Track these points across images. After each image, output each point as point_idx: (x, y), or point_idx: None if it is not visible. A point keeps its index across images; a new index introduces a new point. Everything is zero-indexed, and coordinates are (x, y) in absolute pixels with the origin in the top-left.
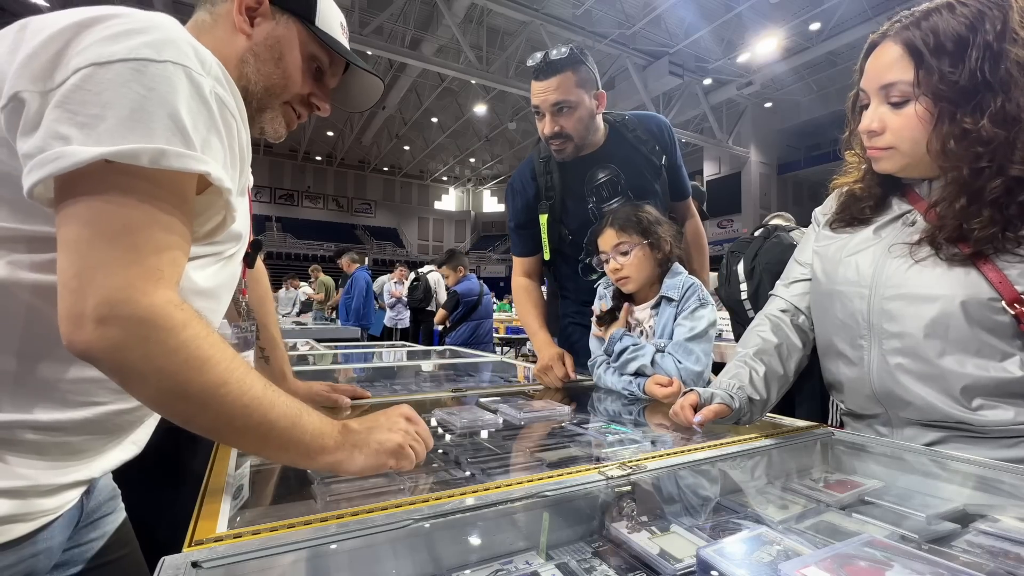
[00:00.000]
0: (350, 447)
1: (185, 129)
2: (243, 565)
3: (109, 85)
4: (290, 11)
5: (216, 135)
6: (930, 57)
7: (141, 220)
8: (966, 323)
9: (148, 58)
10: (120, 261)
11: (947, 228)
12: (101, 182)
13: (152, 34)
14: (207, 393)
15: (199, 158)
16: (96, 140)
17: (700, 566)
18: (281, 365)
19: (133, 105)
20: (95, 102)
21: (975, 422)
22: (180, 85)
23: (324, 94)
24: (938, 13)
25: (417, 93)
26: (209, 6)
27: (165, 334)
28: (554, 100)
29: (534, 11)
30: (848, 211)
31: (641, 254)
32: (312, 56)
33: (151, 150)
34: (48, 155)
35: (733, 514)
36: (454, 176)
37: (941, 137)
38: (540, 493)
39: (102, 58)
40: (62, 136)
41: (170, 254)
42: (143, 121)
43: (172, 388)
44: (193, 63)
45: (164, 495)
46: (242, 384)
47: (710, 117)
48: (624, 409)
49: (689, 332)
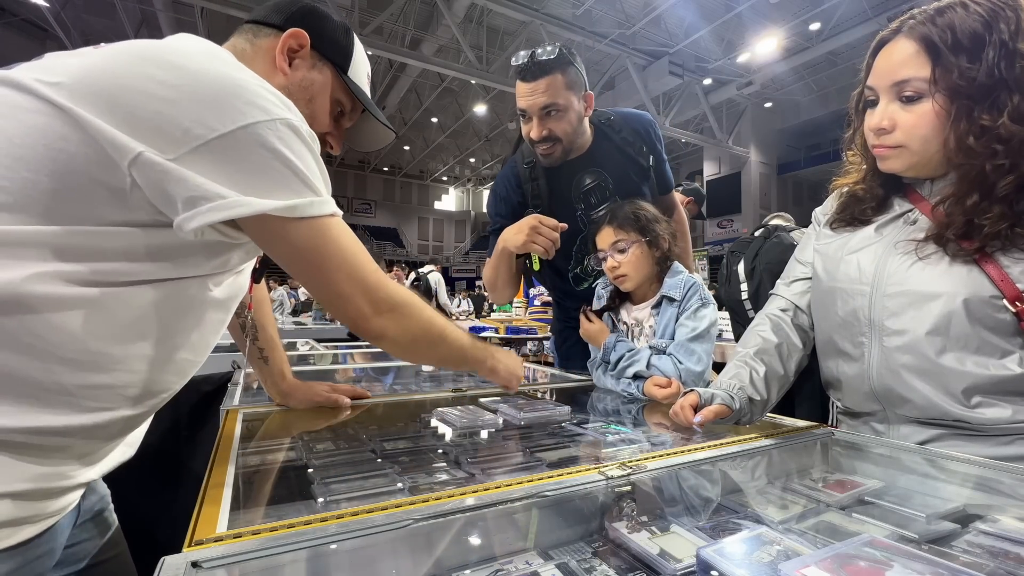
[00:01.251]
0: (494, 362)
1: (310, 180)
2: (243, 565)
3: (244, 155)
4: (328, 59)
5: (322, 172)
6: (948, 53)
7: (349, 252)
8: (967, 321)
9: (260, 120)
10: (362, 283)
11: (956, 225)
12: (293, 233)
13: (250, 91)
14: (437, 339)
15: (329, 202)
16: (262, 195)
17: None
18: (280, 365)
19: (269, 168)
20: (238, 170)
21: (973, 420)
22: (291, 140)
23: (339, 135)
24: (953, 10)
25: (417, 93)
26: (251, 36)
27: (410, 311)
28: (543, 103)
29: (534, 11)
30: (849, 211)
31: (639, 252)
32: (338, 101)
33: (303, 203)
34: (225, 203)
35: (733, 514)
36: (454, 176)
37: (959, 134)
38: (540, 493)
39: (226, 127)
40: (219, 194)
41: (373, 263)
42: (284, 181)
43: (423, 350)
44: (289, 113)
45: (164, 495)
46: (445, 330)
47: (710, 117)
48: (624, 409)
49: (691, 332)
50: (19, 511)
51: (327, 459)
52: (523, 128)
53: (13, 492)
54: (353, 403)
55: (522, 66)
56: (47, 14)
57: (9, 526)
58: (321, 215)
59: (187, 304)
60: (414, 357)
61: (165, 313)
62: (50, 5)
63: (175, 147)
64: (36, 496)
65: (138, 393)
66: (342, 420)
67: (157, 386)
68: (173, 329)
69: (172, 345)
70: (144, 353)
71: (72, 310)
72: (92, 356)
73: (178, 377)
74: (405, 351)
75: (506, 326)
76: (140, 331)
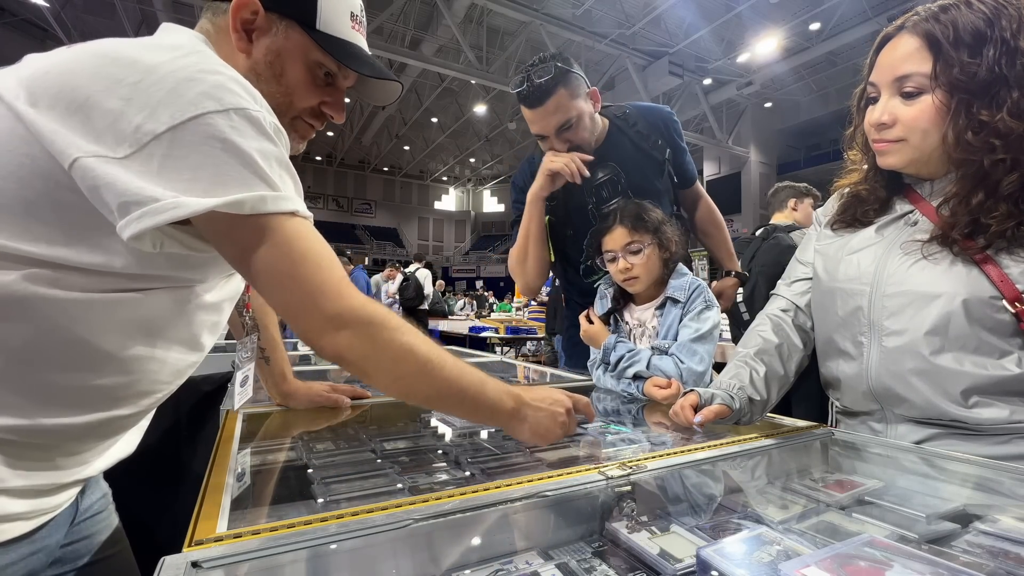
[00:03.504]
0: (520, 419)
1: (265, 174)
2: (243, 565)
3: (191, 149)
4: (289, 17)
5: (285, 168)
6: (949, 49)
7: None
8: (966, 321)
9: (212, 110)
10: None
11: (961, 224)
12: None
13: (206, 81)
14: (417, 371)
15: (287, 198)
16: (203, 193)
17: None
18: (281, 366)
19: (218, 161)
20: (185, 167)
21: (970, 420)
22: (247, 131)
23: (336, 100)
24: (956, 8)
25: (417, 93)
26: (211, 15)
27: (378, 329)
28: (556, 124)
29: (534, 11)
30: (850, 212)
31: (652, 254)
32: (317, 63)
33: (252, 198)
34: (158, 206)
35: (733, 514)
36: (454, 176)
37: (957, 129)
38: (540, 493)
39: (175, 120)
40: (155, 196)
41: (339, 268)
42: (232, 175)
43: (393, 371)
44: (248, 102)
45: (164, 495)
46: (441, 361)
47: (710, 117)
48: (624, 409)
49: (694, 333)
50: (11, 507)
51: (327, 459)
52: (542, 147)
53: (7, 489)
54: (353, 403)
55: (524, 93)
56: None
57: (3, 523)
58: (276, 212)
59: (177, 309)
60: (391, 387)
61: (154, 317)
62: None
63: (127, 145)
64: (29, 493)
65: (132, 393)
66: (342, 420)
67: (152, 386)
68: (164, 332)
69: (165, 347)
70: (136, 355)
71: (63, 313)
72: (84, 358)
73: (174, 377)
74: (375, 378)
75: (506, 326)
76: (130, 334)
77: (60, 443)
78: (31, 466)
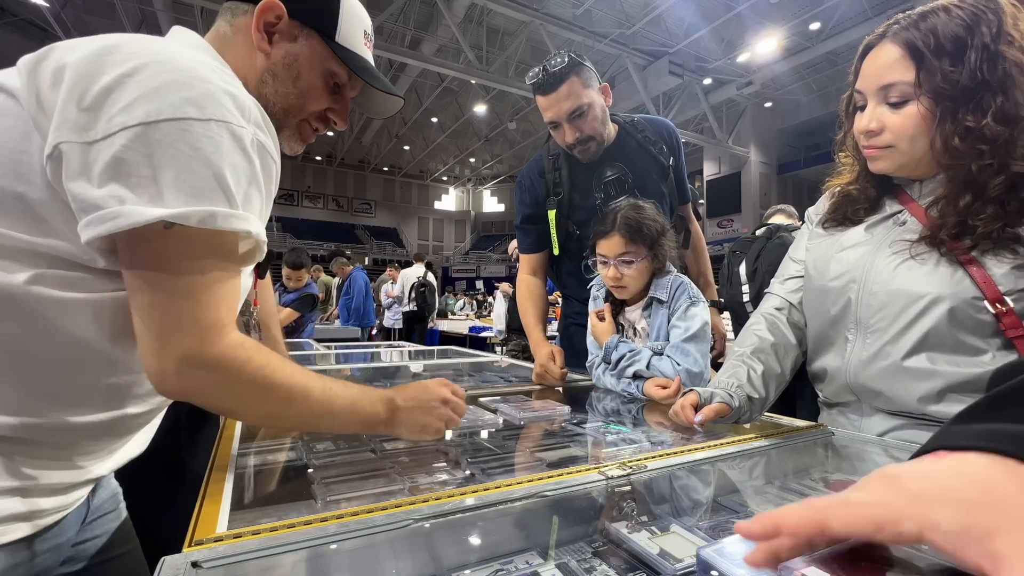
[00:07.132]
0: (396, 423)
1: (229, 188)
2: (243, 565)
3: (157, 147)
4: (311, 26)
5: (255, 187)
6: (931, 57)
7: (199, 282)
8: (948, 320)
9: (193, 117)
10: (188, 322)
11: (949, 225)
12: (160, 243)
13: (194, 88)
14: (280, 408)
15: (242, 216)
16: (149, 201)
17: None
18: None
19: (181, 166)
20: (147, 163)
21: (940, 415)
22: (223, 143)
23: (342, 108)
24: (935, 15)
25: (417, 93)
26: (229, 16)
27: (236, 373)
28: (568, 109)
29: (534, 11)
30: (841, 211)
31: (644, 267)
32: (331, 72)
33: (201, 212)
34: (105, 213)
35: (733, 514)
36: (454, 176)
37: (944, 136)
38: (540, 493)
39: (149, 117)
40: (116, 196)
41: (227, 302)
42: (191, 183)
43: (254, 410)
44: (234, 116)
45: (164, 495)
46: (305, 393)
47: (710, 117)
48: (624, 409)
49: (684, 333)
50: (25, 506)
51: (327, 459)
52: (555, 137)
53: (19, 488)
54: None
55: (539, 81)
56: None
57: (15, 521)
58: (225, 229)
59: None
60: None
61: None
62: (50, 5)
63: (102, 128)
64: (42, 492)
65: (143, 392)
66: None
67: None
68: None
69: None
70: None
71: (72, 313)
72: (94, 356)
73: None
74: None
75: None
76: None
77: (77, 441)
78: (47, 465)
